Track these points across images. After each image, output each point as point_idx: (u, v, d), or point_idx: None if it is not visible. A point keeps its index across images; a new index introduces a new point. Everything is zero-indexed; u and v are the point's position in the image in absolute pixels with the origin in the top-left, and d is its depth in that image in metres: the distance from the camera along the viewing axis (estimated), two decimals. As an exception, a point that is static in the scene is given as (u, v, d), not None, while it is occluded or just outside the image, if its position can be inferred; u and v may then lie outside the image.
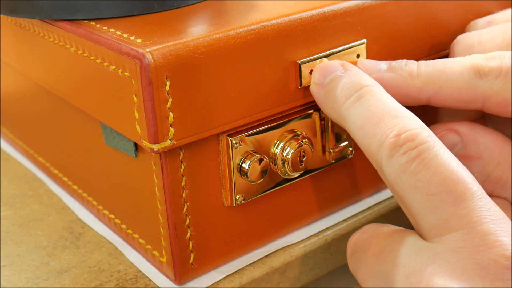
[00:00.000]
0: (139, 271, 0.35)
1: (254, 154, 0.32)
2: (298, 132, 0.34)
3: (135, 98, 0.29)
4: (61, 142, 0.40)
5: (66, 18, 0.33)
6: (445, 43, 0.39)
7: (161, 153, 0.30)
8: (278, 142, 0.33)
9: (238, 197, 0.33)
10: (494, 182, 0.33)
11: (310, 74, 0.33)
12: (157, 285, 0.33)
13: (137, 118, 0.29)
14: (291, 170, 0.34)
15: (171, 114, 0.29)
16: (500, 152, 0.34)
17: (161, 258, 0.33)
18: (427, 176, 0.27)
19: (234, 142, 0.32)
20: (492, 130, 0.35)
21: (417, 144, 0.28)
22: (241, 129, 0.32)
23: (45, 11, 0.33)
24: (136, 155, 0.33)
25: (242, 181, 0.33)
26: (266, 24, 0.31)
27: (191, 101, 0.29)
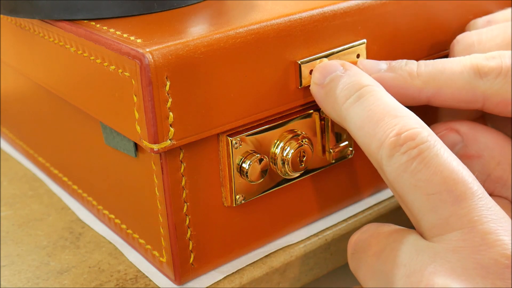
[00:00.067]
0: (139, 271, 0.35)
1: (254, 154, 0.32)
2: (298, 132, 0.34)
3: (135, 98, 0.29)
4: (61, 142, 0.40)
5: (66, 18, 0.33)
6: (445, 43, 0.39)
7: (161, 153, 0.30)
8: (278, 142, 0.33)
9: (238, 197, 0.33)
10: (494, 181, 0.33)
11: (310, 74, 0.33)
12: (157, 285, 0.33)
13: (137, 118, 0.29)
14: (291, 170, 0.34)
15: (171, 114, 0.29)
16: (500, 151, 0.34)
17: (161, 258, 0.33)
18: (428, 175, 0.27)
19: (234, 142, 0.32)
20: (492, 129, 0.35)
21: (417, 143, 0.28)
22: (241, 129, 0.32)
23: (45, 11, 0.33)
24: (136, 155, 0.33)
25: (242, 181, 0.33)
26: (266, 24, 0.31)
27: (191, 101, 0.29)
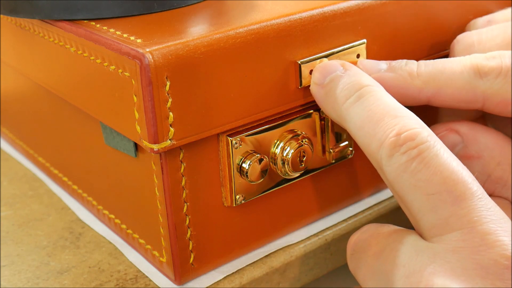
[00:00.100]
0: (139, 271, 0.35)
1: (254, 154, 0.32)
2: (298, 132, 0.34)
3: (135, 98, 0.29)
4: (61, 142, 0.40)
5: (66, 18, 0.33)
6: (445, 43, 0.39)
7: (161, 153, 0.30)
8: (278, 142, 0.33)
9: (238, 197, 0.33)
10: (494, 182, 0.33)
11: (310, 74, 0.33)
12: (157, 285, 0.33)
13: (137, 118, 0.29)
14: (291, 170, 0.34)
15: (171, 114, 0.29)
16: (500, 151, 0.34)
17: (161, 258, 0.33)
18: (427, 175, 0.27)
19: (234, 142, 0.32)
20: (492, 129, 0.35)
21: (417, 143, 0.28)
22: (241, 129, 0.32)
23: (45, 11, 0.33)
24: (136, 155, 0.32)
25: (242, 181, 0.33)
26: (266, 24, 0.31)
27: (191, 101, 0.29)
